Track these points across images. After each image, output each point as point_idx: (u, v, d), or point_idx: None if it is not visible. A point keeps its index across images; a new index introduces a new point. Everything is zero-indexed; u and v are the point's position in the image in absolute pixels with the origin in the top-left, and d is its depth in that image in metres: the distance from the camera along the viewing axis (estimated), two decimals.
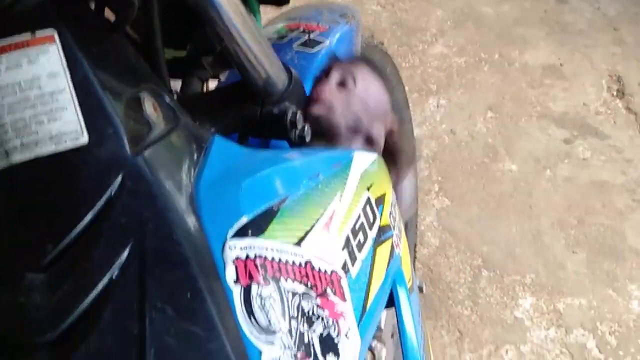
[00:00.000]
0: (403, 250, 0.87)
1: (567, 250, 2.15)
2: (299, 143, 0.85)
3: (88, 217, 0.53)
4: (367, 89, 0.94)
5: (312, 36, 1.22)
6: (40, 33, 0.56)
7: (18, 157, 0.53)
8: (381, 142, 0.97)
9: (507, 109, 2.73)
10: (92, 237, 0.53)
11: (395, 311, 0.85)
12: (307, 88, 0.92)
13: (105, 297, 0.52)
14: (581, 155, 2.50)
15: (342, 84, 0.93)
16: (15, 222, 0.54)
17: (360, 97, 0.93)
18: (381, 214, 0.79)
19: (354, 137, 0.94)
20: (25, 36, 0.56)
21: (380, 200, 0.80)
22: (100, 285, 0.52)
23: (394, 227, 0.83)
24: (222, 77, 0.99)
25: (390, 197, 0.84)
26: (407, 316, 0.86)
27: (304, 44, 1.19)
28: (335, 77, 0.93)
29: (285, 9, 1.04)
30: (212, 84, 1.01)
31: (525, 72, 2.94)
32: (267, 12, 0.97)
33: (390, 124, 0.99)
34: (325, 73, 0.94)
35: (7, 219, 0.54)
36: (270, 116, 0.82)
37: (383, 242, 0.78)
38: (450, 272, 2.12)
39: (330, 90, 0.91)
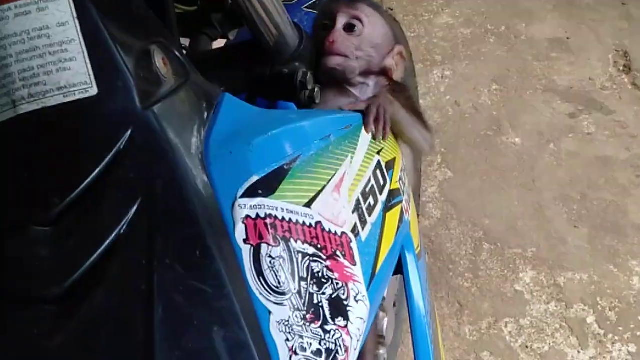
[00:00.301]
0: (412, 216, 0.87)
1: (569, 225, 2.14)
2: (307, 104, 0.83)
3: (96, 171, 0.52)
4: (374, 27, 0.94)
5: None
6: None
7: (25, 107, 0.52)
8: (395, 67, 0.98)
9: (512, 81, 2.71)
10: (100, 191, 0.52)
11: (403, 277, 0.85)
12: None
13: (112, 253, 0.51)
14: (586, 130, 2.48)
15: (349, 28, 0.92)
16: (22, 174, 0.52)
17: (369, 37, 0.93)
18: (391, 179, 0.78)
19: (368, 77, 0.94)
20: None
21: (390, 165, 0.79)
22: (108, 241, 0.51)
23: (403, 193, 0.82)
24: (231, 36, 0.98)
25: (399, 162, 0.83)
26: (415, 282, 0.85)
27: (313, 6, 1.18)
28: (341, 22, 0.92)
29: None
30: (220, 44, 1.00)
31: (531, 45, 2.90)
32: None
33: (397, 50, 0.99)
34: (329, 19, 0.93)
35: (13, 170, 0.53)
36: (280, 76, 0.81)
37: (393, 206, 0.77)
38: (452, 244, 2.11)
39: (341, 38, 0.90)
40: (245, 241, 0.55)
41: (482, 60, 2.82)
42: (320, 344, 0.55)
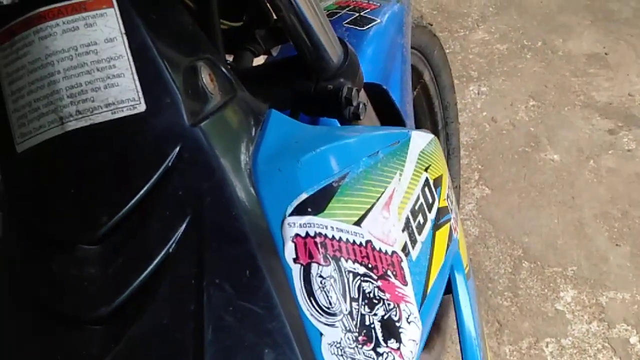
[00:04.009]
0: (460, 234, 0.85)
1: (610, 243, 2.10)
2: (352, 121, 0.82)
3: (145, 188, 0.51)
4: None
5: (362, 14, 1.19)
6: None
7: (73, 125, 0.51)
8: None
9: (549, 97, 2.68)
10: (148, 209, 0.51)
11: (453, 297, 0.83)
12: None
13: (161, 272, 0.50)
14: (626, 147, 2.43)
15: None
16: (69, 193, 0.52)
17: None
18: (439, 196, 0.76)
19: None
20: None
21: (438, 182, 0.77)
22: (157, 260, 0.50)
23: (451, 210, 0.80)
24: (274, 52, 0.97)
25: (447, 180, 0.82)
26: (464, 303, 0.83)
27: (354, 22, 1.17)
28: None
29: None
30: (261, 60, 0.99)
31: (568, 60, 2.87)
32: None
33: None
34: None
35: (61, 188, 0.52)
36: (325, 92, 0.79)
37: (442, 225, 0.75)
38: (490, 262, 2.08)
39: None
40: (295, 260, 0.53)
41: (518, 76, 2.80)
42: None
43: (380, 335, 0.55)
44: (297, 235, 0.54)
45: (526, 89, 2.73)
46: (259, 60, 0.97)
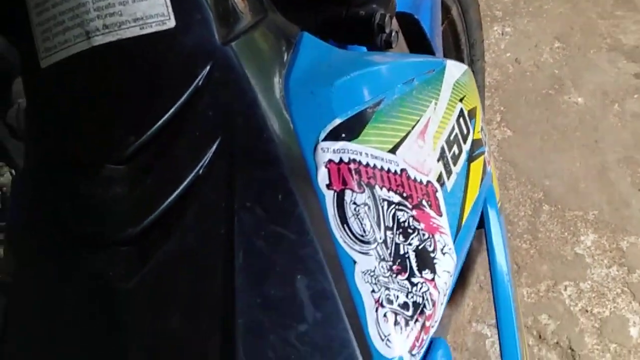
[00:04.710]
0: (492, 168, 0.82)
1: (632, 188, 2.08)
2: (383, 49, 0.79)
3: (174, 107, 0.49)
4: None
5: None
6: None
7: (100, 39, 0.49)
8: None
9: (575, 39, 2.62)
10: (177, 129, 0.49)
11: (485, 232, 0.81)
12: None
13: (190, 194, 0.48)
14: None
15: None
16: (96, 111, 0.50)
17: None
18: (474, 128, 0.74)
19: None
20: None
21: (472, 113, 0.75)
22: (186, 182, 0.48)
23: (485, 143, 0.78)
24: None
25: (480, 112, 0.79)
26: (497, 238, 0.82)
27: None
28: None
29: None
30: None
31: (595, 2, 2.81)
32: None
33: None
34: None
35: (87, 106, 0.50)
36: (357, 18, 0.76)
37: (476, 157, 0.73)
38: (510, 204, 2.07)
39: None
40: (329, 186, 0.51)
41: (544, 17, 2.74)
42: (407, 296, 0.52)
43: (414, 265, 0.54)
44: (330, 160, 0.52)
45: (551, 30, 2.67)
46: None
